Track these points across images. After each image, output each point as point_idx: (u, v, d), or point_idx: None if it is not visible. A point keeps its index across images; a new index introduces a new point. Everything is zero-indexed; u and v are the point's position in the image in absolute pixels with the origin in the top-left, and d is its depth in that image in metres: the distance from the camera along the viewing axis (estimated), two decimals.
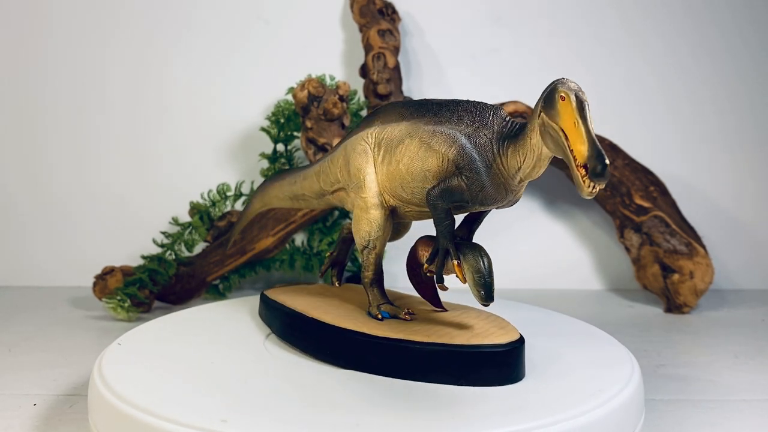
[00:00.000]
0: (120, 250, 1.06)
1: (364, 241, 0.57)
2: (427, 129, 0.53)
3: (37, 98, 1.12)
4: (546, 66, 1.12)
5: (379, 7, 1.06)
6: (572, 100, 0.44)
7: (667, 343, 0.82)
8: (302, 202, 0.70)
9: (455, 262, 0.50)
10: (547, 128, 0.45)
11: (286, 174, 0.72)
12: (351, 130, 0.63)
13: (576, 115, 0.43)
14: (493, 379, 0.49)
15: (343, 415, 0.45)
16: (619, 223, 1.01)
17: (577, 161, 0.43)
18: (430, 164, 0.52)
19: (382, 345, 0.51)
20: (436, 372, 0.49)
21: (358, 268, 1.04)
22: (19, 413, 0.60)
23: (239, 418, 0.44)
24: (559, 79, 0.46)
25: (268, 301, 0.65)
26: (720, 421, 0.59)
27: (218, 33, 1.12)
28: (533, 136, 0.47)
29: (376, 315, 0.56)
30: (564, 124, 0.44)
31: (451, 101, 0.54)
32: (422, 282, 0.59)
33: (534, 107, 0.47)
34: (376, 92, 0.98)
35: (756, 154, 1.13)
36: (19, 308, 0.97)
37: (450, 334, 0.51)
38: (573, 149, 0.43)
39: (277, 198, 0.73)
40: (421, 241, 0.58)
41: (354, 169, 0.58)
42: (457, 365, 0.49)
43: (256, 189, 0.78)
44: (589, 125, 0.43)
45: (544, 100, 0.46)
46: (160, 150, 1.12)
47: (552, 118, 0.44)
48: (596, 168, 0.42)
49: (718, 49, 1.12)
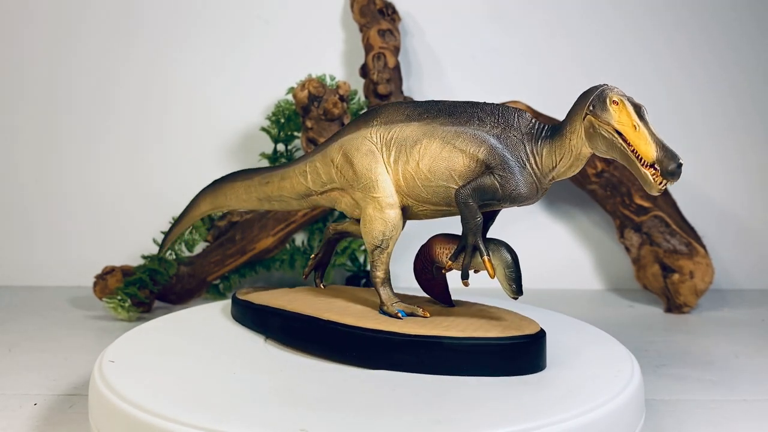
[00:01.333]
0: (120, 249, 1.06)
1: (377, 240, 0.57)
2: (447, 130, 0.54)
3: (37, 99, 1.12)
4: (546, 66, 1.12)
5: (380, 7, 1.06)
6: (627, 104, 0.47)
7: (667, 343, 0.82)
8: (276, 203, 0.68)
9: (486, 258, 0.52)
10: (598, 130, 0.48)
11: (253, 174, 0.69)
12: (339, 132, 0.63)
13: (635, 118, 0.47)
14: (527, 368, 0.51)
15: (344, 415, 0.45)
16: (619, 223, 1.01)
17: (644, 161, 0.46)
18: (456, 164, 0.54)
19: (419, 342, 0.51)
20: (474, 365, 0.51)
21: (358, 268, 1.05)
22: (19, 413, 0.60)
23: (240, 418, 0.44)
24: (604, 85, 0.49)
25: (254, 306, 0.63)
26: (720, 421, 0.59)
27: (218, 33, 1.12)
28: (573, 138, 0.50)
29: (394, 313, 0.56)
30: (621, 127, 0.47)
31: (464, 103, 0.55)
32: (432, 280, 0.60)
33: (573, 111, 0.50)
34: (376, 92, 0.98)
35: (756, 154, 1.13)
36: (19, 308, 0.97)
37: (483, 327, 0.52)
38: (637, 150, 0.46)
39: (239, 199, 0.70)
40: (437, 240, 0.58)
41: (363, 169, 0.58)
42: (496, 357, 0.51)
43: (204, 189, 0.75)
44: (651, 128, 0.47)
45: (592, 104, 0.48)
46: (161, 150, 1.12)
47: (605, 121, 0.48)
48: (669, 167, 0.45)
49: (721, 49, 1.12)
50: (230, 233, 0.98)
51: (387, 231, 0.57)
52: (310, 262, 0.69)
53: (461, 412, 0.45)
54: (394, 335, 0.52)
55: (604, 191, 1.00)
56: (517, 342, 0.51)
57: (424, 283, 0.61)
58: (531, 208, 1.12)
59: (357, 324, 0.54)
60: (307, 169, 0.64)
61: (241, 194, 0.70)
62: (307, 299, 0.63)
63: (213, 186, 0.74)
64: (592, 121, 0.48)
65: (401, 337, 0.52)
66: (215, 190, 0.73)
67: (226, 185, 0.72)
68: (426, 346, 0.51)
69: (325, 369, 0.54)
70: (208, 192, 0.74)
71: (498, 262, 0.52)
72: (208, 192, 0.74)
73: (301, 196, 0.65)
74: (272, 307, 0.61)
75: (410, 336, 0.52)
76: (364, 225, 0.58)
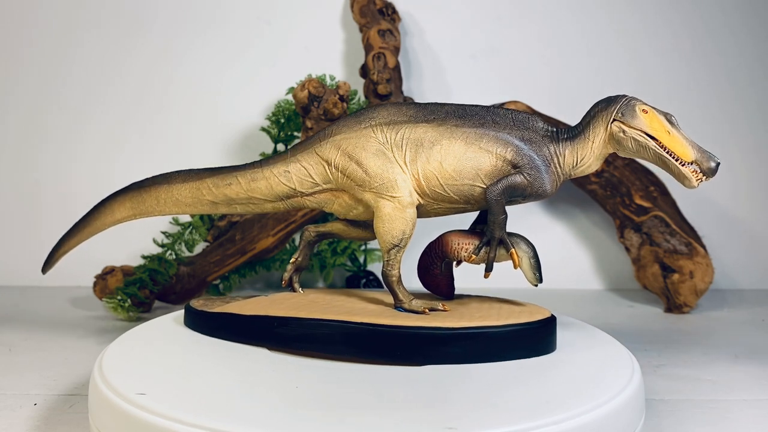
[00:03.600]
0: (120, 249, 1.06)
1: (396, 239, 0.58)
2: (467, 131, 0.58)
3: (36, 98, 1.12)
4: (546, 66, 1.12)
5: (380, 7, 1.06)
6: (657, 113, 0.55)
7: (667, 343, 0.82)
8: (239, 206, 0.65)
9: (513, 250, 0.57)
10: (629, 134, 0.55)
11: (203, 175, 0.65)
12: (325, 132, 0.62)
13: (666, 125, 0.54)
14: (551, 346, 0.57)
15: (347, 415, 0.45)
16: (619, 223, 1.01)
17: (682, 160, 0.54)
18: (483, 164, 0.57)
19: (465, 335, 0.54)
20: (514, 350, 0.55)
21: (358, 268, 1.05)
22: (19, 413, 0.60)
23: (240, 417, 0.44)
24: (625, 96, 0.57)
25: (245, 317, 0.59)
26: (720, 421, 0.59)
27: (218, 33, 1.12)
28: (596, 140, 0.57)
29: (421, 309, 0.57)
30: (654, 132, 0.54)
31: (472, 106, 0.59)
32: (439, 275, 0.62)
33: (594, 117, 0.57)
34: (376, 92, 0.98)
35: (756, 153, 1.13)
36: (19, 308, 0.97)
37: (511, 315, 0.56)
38: (673, 152, 0.54)
39: (178, 203, 0.66)
40: (452, 236, 0.60)
41: (377, 170, 0.59)
42: (532, 340, 0.55)
43: (119, 192, 0.69)
44: (683, 133, 0.55)
45: (620, 112, 0.56)
46: (161, 150, 1.12)
47: (636, 127, 0.55)
48: (710, 165, 0.53)
49: (721, 50, 1.12)
50: (230, 233, 0.98)
51: (407, 230, 0.58)
52: (289, 267, 0.66)
53: (460, 411, 0.45)
54: (440, 330, 0.54)
55: (604, 191, 1.00)
56: (544, 324, 0.56)
57: (430, 279, 0.62)
58: (531, 208, 1.12)
59: (394, 323, 0.55)
60: (290, 170, 0.62)
61: (183, 197, 0.66)
62: (307, 304, 0.61)
63: (134, 189, 0.68)
64: (621, 126, 0.55)
65: (447, 332, 0.54)
66: (140, 194, 0.68)
67: (159, 188, 0.67)
68: (471, 337, 0.54)
69: (325, 368, 0.54)
70: (129, 196, 0.68)
71: (522, 253, 0.58)
72: (129, 196, 0.68)
73: (280, 198, 0.63)
74: (277, 316, 0.58)
75: (456, 329, 0.54)
76: (381, 224, 0.58)
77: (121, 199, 0.69)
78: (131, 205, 0.69)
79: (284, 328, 0.57)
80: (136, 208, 0.68)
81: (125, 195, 0.69)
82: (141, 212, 0.68)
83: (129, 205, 0.69)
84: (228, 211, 0.66)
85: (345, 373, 0.53)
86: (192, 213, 0.67)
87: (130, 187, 0.69)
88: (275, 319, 0.58)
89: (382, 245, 0.59)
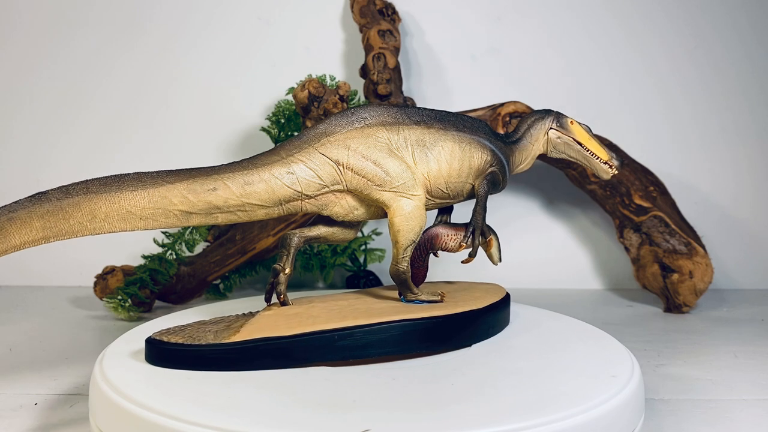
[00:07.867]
0: (121, 249, 1.06)
1: (414, 236, 0.60)
2: (455, 134, 0.63)
3: (37, 96, 1.12)
4: (546, 66, 1.12)
5: (380, 7, 1.06)
6: (579, 123, 0.67)
7: (667, 343, 0.82)
8: (222, 215, 0.57)
9: (491, 237, 0.64)
10: (561, 139, 0.67)
11: (170, 179, 0.56)
12: (319, 130, 0.59)
13: (587, 133, 0.67)
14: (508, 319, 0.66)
15: (348, 415, 0.45)
16: (618, 223, 1.01)
17: (601, 158, 0.66)
18: (474, 163, 0.63)
19: (489, 311, 0.61)
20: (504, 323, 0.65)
21: (358, 268, 1.05)
22: (20, 413, 0.60)
23: (242, 416, 0.44)
24: (553, 111, 0.68)
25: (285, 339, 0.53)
26: (720, 421, 0.59)
27: (218, 33, 1.12)
28: (535, 144, 0.67)
29: (436, 297, 0.61)
30: (580, 139, 0.67)
31: (445, 113, 0.64)
32: (421, 267, 0.66)
33: (533, 126, 0.67)
34: (376, 92, 0.98)
35: (756, 153, 1.13)
36: (19, 308, 0.97)
37: (488, 295, 0.64)
38: (595, 153, 0.67)
39: (130, 218, 0.55)
40: (440, 229, 0.65)
41: (398, 169, 0.60)
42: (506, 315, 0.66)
43: (15, 206, 0.53)
44: (597, 140, 0.67)
45: (556, 122, 0.67)
46: (160, 150, 1.12)
47: (568, 134, 0.67)
48: (617, 163, 0.67)
49: (716, 49, 1.12)
50: (230, 233, 0.98)
51: (423, 227, 0.61)
52: (283, 279, 0.61)
53: (458, 407, 0.45)
54: (473, 312, 0.60)
55: (604, 191, 1.01)
56: (506, 300, 0.66)
57: (414, 270, 0.65)
58: (531, 209, 1.13)
59: (432, 314, 0.57)
60: (294, 171, 0.58)
61: (137, 208, 0.55)
62: (317, 314, 0.58)
63: (48, 200, 0.52)
64: (557, 133, 0.67)
65: (478, 313, 0.60)
66: (60, 208, 0.53)
67: (95, 197, 0.54)
68: (493, 312, 0.62)
69: (325, 367, 0.54)
70: (38, 211, 0.52)
71: (495, 238, 0.65)
72: (38, 211, 0.52)
73: (280, 203, 0.58)
74: (338, 328, 0.54)
75: (483, 308, 0.61)
76: (404, 222, 0.59)
77: (24, 216, 0.52)
78: (42, 225, 0.52)
79: (350, 339, 0.54)
80: (50, 228, 0.52)
81: (30, 209, 0.52)
82: (59, 233, 0.53)
83: (39, 225, 0.52)
84: (203, 222, 0.57)
85: (345, 374, 0.53)
86: (147, 228, 0.55)
87: (41, 197, 0.52)
88: (335, 331, 0.54)
89: (402, 242, 0.60)
